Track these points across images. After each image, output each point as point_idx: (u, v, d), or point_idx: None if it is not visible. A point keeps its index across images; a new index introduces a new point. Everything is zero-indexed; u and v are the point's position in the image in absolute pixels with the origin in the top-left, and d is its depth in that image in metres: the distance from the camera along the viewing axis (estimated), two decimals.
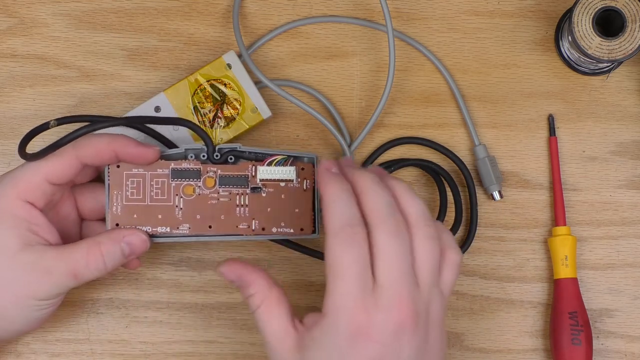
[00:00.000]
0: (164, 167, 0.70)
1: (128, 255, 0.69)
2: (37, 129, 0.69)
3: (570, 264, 0.76)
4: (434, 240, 0.62)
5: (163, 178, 0.70)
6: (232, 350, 0.77)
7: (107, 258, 0.68)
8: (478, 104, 0.79)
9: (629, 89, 0.79)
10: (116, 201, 0.70)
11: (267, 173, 0.70)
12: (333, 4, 0.79)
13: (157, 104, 0.76)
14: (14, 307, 0.68)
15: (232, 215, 0.70)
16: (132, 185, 0.70)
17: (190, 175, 0.70)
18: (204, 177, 0.70)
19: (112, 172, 0.70)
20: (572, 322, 0.75)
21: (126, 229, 0.69)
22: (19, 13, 0.78)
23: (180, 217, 0.70)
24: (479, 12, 0.79)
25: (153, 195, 0.70)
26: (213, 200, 0.70)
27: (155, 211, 0.70)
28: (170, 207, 0.70)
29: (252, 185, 0.70)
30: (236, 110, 0.76)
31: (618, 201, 0.78)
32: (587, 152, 0.79)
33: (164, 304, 0.77)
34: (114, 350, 0.77)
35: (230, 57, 0.76)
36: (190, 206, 0.70)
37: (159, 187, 0.70)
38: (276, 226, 0.71)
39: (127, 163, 0.70)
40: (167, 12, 0.79)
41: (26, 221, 0.68)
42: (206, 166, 0.70)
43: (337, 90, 0.79)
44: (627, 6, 0.72)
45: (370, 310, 0.60)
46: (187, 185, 0.70)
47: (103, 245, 0.68)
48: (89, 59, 0.78)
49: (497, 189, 0.77)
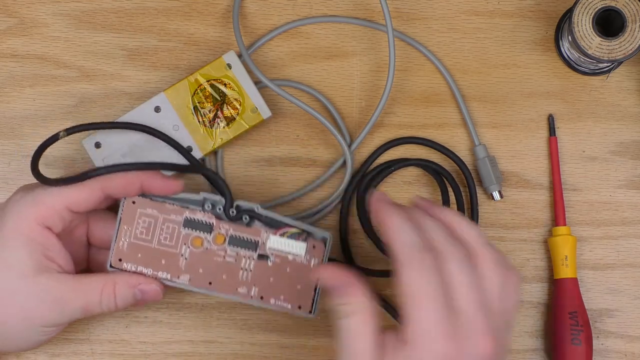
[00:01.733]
0: (178, 214, 0.70)
1: (139, 301, 0.70)
2: (47, 142, 0.69)
3: (570, 264, 0.76)
4: (499, 264, 0.62)
5: (175, 224, 0.70)
6: (232, 350, 0.77)
7: (119, 300, 0.69)
8: (478, 104, 0.79)
9: (629, 89, 0.79)
10: (124, 236, 0.70)
11: (278, 244, 0.70)
12: (333, 4, 0.79)
13: (157, 104, 0.76)
14: (21, 329, 0.68)
15: (234, 277, 0.70)
16: (143, 224, 0.70)
17: (202, 227, 0.70)
18: (215, 233, 0.70)
19: (127, 207, 0.70)
20: (572, 322, 0.75)
21: (143, 277, 0.70)
22: (19, 13, 0.78)
23: (183, 267, 0.70)
24: (479, 12, 0.79)
25: (161, 239, 0.70)
26: (219, 257, 0.70)
27: (160, 255, 0.70)
28: (175, 254, 0.70)
29: (260, 252, 0.70)
30: (236, 110, 0.76)
31: (618, 201, 0.78)
32: (587, 152, 0.79)
33: (164, 304, 0.77)
34: (114, 350, 0.77)
35: (230, 57, 0.76)
36: (195, 258, 0.70)
37: (169, 233, 0.70)
38: (275, 298, 0.70)
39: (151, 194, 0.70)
40: (167, 12, 0.79)
41: (42, 246, 0.68)
42: (219, 222, 0.70)
43: (337, 90, 0.79)
44: (627, 6, 0.72)
45: (453, 339, 0.59)
46: (197, 238, 0.70)
47: (118, 287, 0.69)
48: (89, 59, 0.78)
49: (497, 189, 0.77)
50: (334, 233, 0.78)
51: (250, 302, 0.70)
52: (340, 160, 0.78)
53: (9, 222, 0.67)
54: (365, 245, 0.78)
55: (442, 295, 0.60)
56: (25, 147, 0.78)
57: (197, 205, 0.71)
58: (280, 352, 0.77)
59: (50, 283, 0.67)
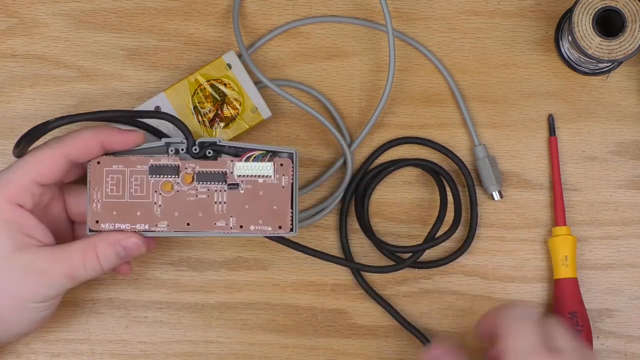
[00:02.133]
0: (143, 163, 0.70)
1: (123, 257, 0.69)
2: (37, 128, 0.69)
3: (570, 264, 0.76)
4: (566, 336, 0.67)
5: (142, 174, 0.70)
6: (232, 350, 0.77)
7: (103, 260, 0.68)
8: (478, 104, 0.79)
9: (629, 89, 0.79)
10: (96, 198, 0.70)
11: (244, 169, 0.70)
12: (333, 4, 0.79)
13: (157, 103, 0.76)
14: (12, 310, 0.68)
15: (210, 213, 0.70)
16: (112, 181, 0.70)
17: (169, 171, 0.70)
18: (182, 174, 0.70)
19: (93, 168, 0.70)
20: (572, 322, 0.75)
21: (122, 232, 0.69)
22: (19, 13, 0.78)
23: (158, 214, 0.70)
24: (479, 12, 0.79)
25: (132, 192, 0.70)
26: (191, 197, 0.70)
27: (134, 208, 0.70)
28: (149, 204, 0.70)
29: (230, 182, 0.70)
30: (236, 110, 0.76)
31: (618, 201, 0.78)
32: (587, 152, 0.79)
33: (164, 304, 0.77)
34: (114, 350, 0.77)
35: (230, 57, 0.76)
36: (168, 203, 0.70)
37: (138, 184, 0.70)
38: (254, 224, 0.70)
39: (115, 151, 0.70)
40: (167, 12, 0.79)
41: (17, 224, 0.67)
42: (185, 162, 0.70)
43: (337, 90, 0.79)
44: (627, 6, 0.72)
45: None
46: (166, 182, 0.70)
47: (99, 247, 0.68)
48: (89, 59, 0.78)
49: (497, 189, 0.77)
50: (334, 233, 0.78)
51: (231, 234, 0.70)
52: (340, 161, 0.78)
53: None
54: (365, 245, 0.78)
55: None
56: None
57: (162, 153, 0.71)
58: (280, 352, 0.77)
59: (30, 257, 0.67)
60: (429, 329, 0.77)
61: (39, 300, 0.68)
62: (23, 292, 0.67)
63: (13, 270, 0.67)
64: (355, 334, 0.77)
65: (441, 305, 0.78)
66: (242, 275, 0.78)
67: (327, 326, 0.77)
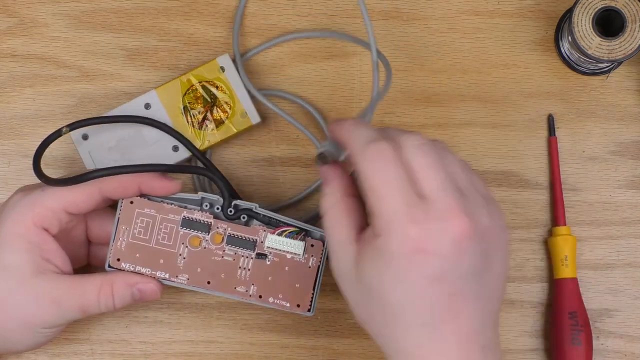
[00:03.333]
0: (176, 214, 0.70)
1: (137, 300, 0.70)
2: (49, 139, 0.69)
3: (570, 264, 0.76)
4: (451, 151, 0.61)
5: (173, 224, 0.70)
6: (232, 350, 0.77)
7: (117, 300, 0.69)
8: (478, 104, 0.79)
9: (629, 89, 0.79)
10: (122, 236, 0.70)
11: (276, 243, 0.70)
12: (333, 4, 0.79)
13: (148, 101, 0.76)
14: (19, 331, 0.68)
15: (233, 276, 0.70)
16: (141, 224, 0.70)
17: (200, 227, 0.70)
18: (213, 232, 0.70)
19: (125, 207, 0.70)
20: (572, 322, 0.75)
21: (141, 276, 0.70)
22: (19, 13, 0.78)
23: (181, 266, 0.70)
24: (479, 12, 0.79)
25: (159, 239, 0.70)
26: (217, 257, 0.70)
27: (158, 255, 0.70)
28: (173, 254, 0.70)
29: (259, 251, 0.70)
30: (226, 113, 0.76)
31: (618, 201, 0.78)
32: (587, 152, 0.79)
33: (164, 304, 0.77)
34: (114, 350, 0.77)
35: (224, 61, 0.76)
36: (193, 258, 0.70)
37: (167, 232, 0.70)
38: (274, 296, 0.70)
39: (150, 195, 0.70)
40: (167, 12, 0.79)
41: (39, 248, 0.68)
42: (217, 221, 0.70)
43: (337, 90, 0.79)
44: (627, 6, 0.72)
45: (423, 223, 0.57)
46: (195, 237, 0.70)
47: (115, 286, 0.69)
48: (89, 59, 0.78)
49: None
50: None
51: (248, 300, 0.70)
52: None
53: (6, 223, 0.67)
54: None
55: (405, 181, 0.58)
56: (25, 147, 0.78)
57: (195, 205, 0.71)
58: (280, 352, 0.77)
59: (48, 284, 0.67)
60: None
61: (48, 327, 0.68)
62: (34, 317, 0.68)
63: (29, 294, 0.67)
64: (355, 334, 0.77)
65: None
66: None
67: (327, 326, 0.77)
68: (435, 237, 0.57)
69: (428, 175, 0.58)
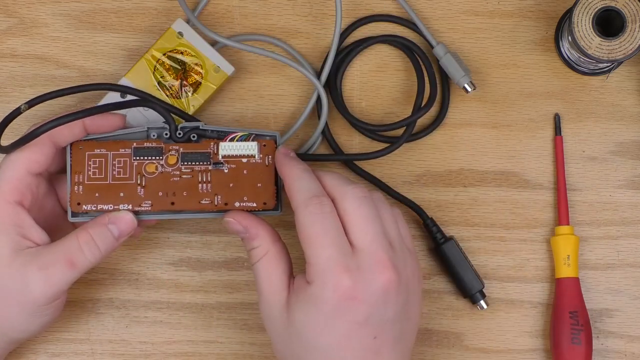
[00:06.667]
0: (126, 147, 0.70)
1: (118, 236, 0.69)
2: (9, 117, 0.69)
3: (572, 264, 0.76)
4: (387, 203, 0.66)
5: (125, 157, 0.70)
6: (232, 350, 0.77)
7: (99, 242, 0.68)
8: (478, 103, 0.79)
9: (629, 89, 0.79)
10: (78, 180, 0.70)
11: (229, 149, 0.70)
12: (332, 3, 0.79)
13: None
14: (19, 316, 0.68)
15: (195, 192, 0.70)
16: (95, 165, 0.70)
17: (153, 153, 0.70)
18: (166, 155, 0.70)
19: (75, 152, 0.70)
20: (573, 321, 0.75)
21: (110, 212, 0.69)
22: (19, 13, 0.78)
23: (142, 194, 0.70)
24: (479, 12, 0.79)
25: (115, 174, 0.70)
26: (175, 177, 0.70)
27: (118, 189, 0.70)
28: (132, 185, 0.70)
29: (214, 162, 0.70)
30: (200, 74, 0.76)
31: (618, 201, 0.79)
32: (587, 152, 0.79)
33: (164, 304, 0.77)
34: (114, 350, 0.77)
35: (179, 25, 0.76)
36: (152, 183, 0.70)
37: (121, 167, 0.70)
38: (239, 201, 0.70)
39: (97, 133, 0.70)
40: (167, 12, 0.79)
41: (16, 226, 0.68)
42: (168, 145, 0.70)
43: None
44: (627, 6, 0.72)
45: (354, 273, 0.62)
46: (150, 163, 0.70)
47: (91, 230, 0.68)
48: (89, 59, 0.78)
49: (468, 80, 0.76)
50: None
51: (215, 215, 0.70)
52: (314, 94, 0.77)
53: None
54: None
55: (340, 233, 0.63)
56: None
57: (143, 138, 0.71)
58: None
59: (30, 257, 0.67)
60: (429, 329, 0.77)
61: (43, 301, 0.68)
62: (27, 295, 0.67)
63: (13, 272, 0.67)
64: None
65: (441, 305, 0.78)
66: (242, 275, 0.78)
67: None
68: (366, 286, 0.63)
69: (364, 228, 0.64)
